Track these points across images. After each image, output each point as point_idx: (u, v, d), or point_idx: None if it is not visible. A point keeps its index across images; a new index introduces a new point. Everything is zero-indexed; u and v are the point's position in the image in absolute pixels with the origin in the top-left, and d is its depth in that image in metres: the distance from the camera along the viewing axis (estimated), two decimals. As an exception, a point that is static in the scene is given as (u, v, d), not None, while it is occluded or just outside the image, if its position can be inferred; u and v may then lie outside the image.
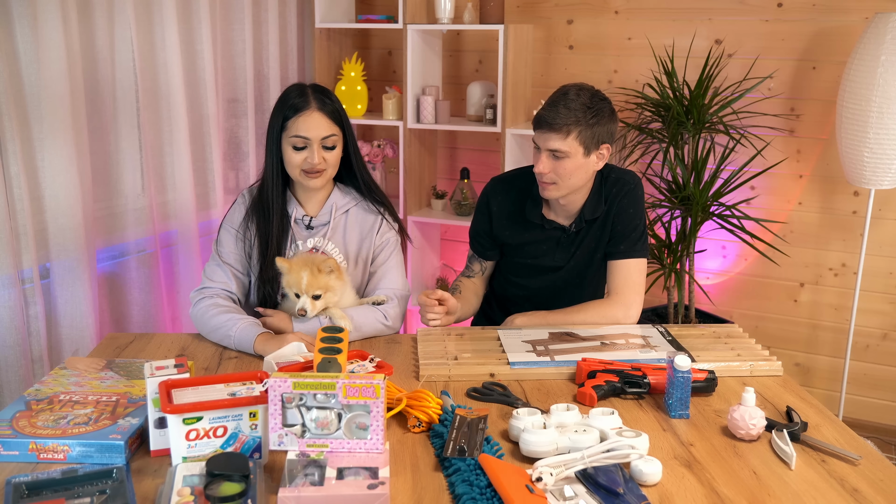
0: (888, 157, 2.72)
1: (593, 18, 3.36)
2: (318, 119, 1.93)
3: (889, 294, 3.14)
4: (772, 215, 3.23)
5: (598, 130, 1.95)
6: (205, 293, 1.95)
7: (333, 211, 2.04)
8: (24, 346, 2.24)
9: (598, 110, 1.94)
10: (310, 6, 3.44)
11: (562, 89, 1.97)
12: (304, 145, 1.93)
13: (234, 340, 1.85)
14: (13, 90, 2.18)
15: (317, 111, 1.93)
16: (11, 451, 1.35)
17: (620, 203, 2.08)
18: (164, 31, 2.66)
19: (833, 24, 3.02)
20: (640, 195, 2.12)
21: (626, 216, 2.08)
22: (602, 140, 1.97)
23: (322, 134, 1.93)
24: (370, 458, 1.30)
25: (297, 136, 1.92)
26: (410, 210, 3.48)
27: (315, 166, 1.94)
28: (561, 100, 1.93)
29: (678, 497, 1.28)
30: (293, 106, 1.94)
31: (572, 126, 1.91)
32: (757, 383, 1.73)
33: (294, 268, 1.89)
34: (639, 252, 2.09)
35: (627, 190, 2.08)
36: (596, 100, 1.95)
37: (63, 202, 2.33)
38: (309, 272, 1.88)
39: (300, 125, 1.92)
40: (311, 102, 1.94)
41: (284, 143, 1.95)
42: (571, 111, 1.91)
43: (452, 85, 3.65)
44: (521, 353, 1.82)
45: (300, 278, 1.88)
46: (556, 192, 2.01)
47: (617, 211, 2.08)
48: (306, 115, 1.93)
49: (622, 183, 2.09)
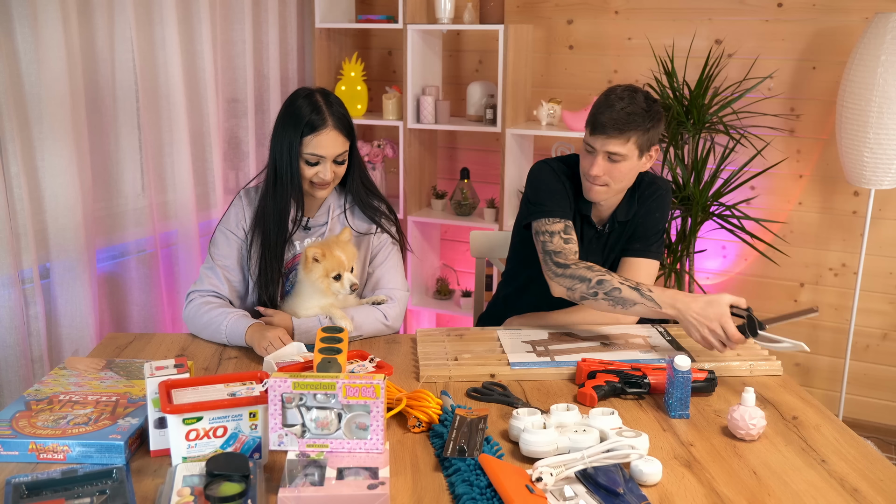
0: (888, 157, 2.72)
1: (593, 18, 3.36)
2: (335, 138, 1.93)
3: (889, 294, 3.14)
4: (772, 215, 3.23)
5: (653, 133, 1.93)
6: (194, 296, 1.96)
7: (331, 212, 2.04)
8: (24, 346, 2.24)
9: (654, 113, 1.92)
10: (310, 6, 3.44)
11: (617, 91, 1.92)
12: (318, 161, 1.93)
13: (225, 334, 1.87)
14: (13, 90, 2.18)
15: (333, 129, 1.92)
16: (11, 451, 1.35)
17: (649, 205, 2.07)
18: (164, 31, 2.66)
19: (833, 24, 3.02)
20: (668, 201, 2.11)
21: (651, 218, 2.07)
22: (653, 142, 1.96)
23: (337, 152, 1.94)
24: (370, 458, 1.30)
25: (313, 153, 1.92)
26: (410, 210, 3.48)
27: (325, 180, 1.95)
28: (618, 103, 1.89)
29: (678, 497, 1.28)
30: (310, 123, 1.90)
31: (632, 130, 1.89)
32: (757, 383, 1.73)
33: (327, 252, 1.89)
34: (653, 253, 2.08)
35: (659, 194, 2.08)
36: (650, 102, 1.93)
37: (63, 202, 2.33)
38: (341, 250, 1.90)
39: (318, 144, 1.91)
40: (327, 120, 1.91)
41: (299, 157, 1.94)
42: (633, 115, 1.88)
43: (452, 85, 3.65)
44: (521, 353, 1.82)
45: (339, 259, 1.90)
46: (606, 194, 1.98)
47: (645, 211, 2.07)
48: (324, 135, 1.91)
49: (654, 187, 2.08)
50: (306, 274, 1.92)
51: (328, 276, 1.90)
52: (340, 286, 1.91)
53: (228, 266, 2.00)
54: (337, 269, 1.90)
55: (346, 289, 1.91)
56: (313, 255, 1.90)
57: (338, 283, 1.91)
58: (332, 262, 1.89)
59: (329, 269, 1.89)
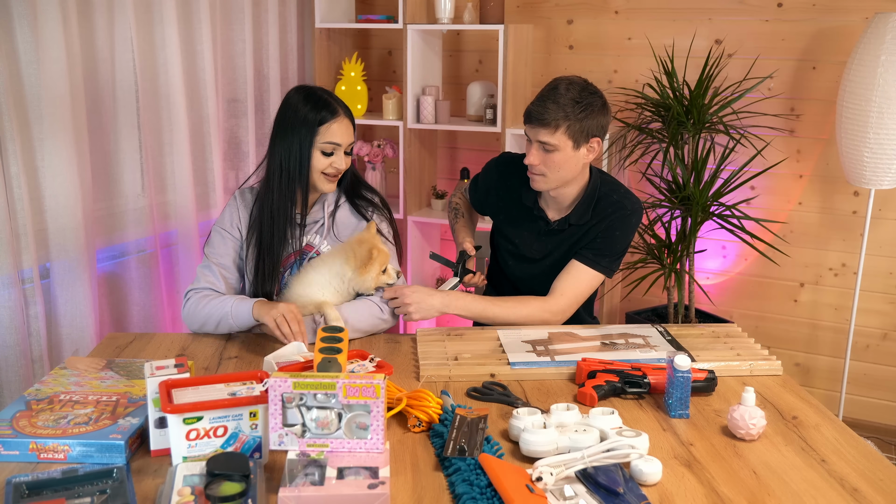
0: (888, 157, 2.72)
1: (593, 18, 3.36)
2: (347, 126, 1.99)
3: (889, 294, 3.14)
4: (772, 215, 3.23)
5: (588, 124, 1.95)
6: (191, 294, 1.97)
7: (326, 208, 2.05)
8: (24, 346, 2.24)
9: (587, 105, 1.94)
10: (310, 6, 3.45)
11: (552, 83, 1.98)
12: (333, 151, 1.96)
13: (231, 319, 1.89)
14: (13, 90, 2.19)
15: (345, 118, 1.99)
16: (12, 450, 1.35)
17: (611, 222, 2.07)
18: (164, 31, 2.66)
19: (833, 24, 3.02)
20: (634, 224, 2.10)
21: (611, 235, 2.07)
22: (592, 134, 1.97)
23: (349, 140, 2.00)
24: (370, 457, 1.30)
25: (329, 142, 1.95)
26: (410, 210, 3.48)
27: (340, 171, 1.99)
28: (550, 94, 1.94)
29: (678, 497, 1.28)
30: (324, 114, 1.95)
31: (561, 120, 1.92)
32: (757, 383, 1.73)
33: (374, 251, 1.93)
34: (602, 266, 2.06)
35: (622, 214, 2.07)
36: (585, 94, 1.95)
37: (63, 202, 2.33)
38: (381, 241, 1.99)
39: (334, 133, 1.96)
40: (338, 110, 1.98)
41: (314, 149, 1.96)
42: (560, 106, 1.92)
43: (452, 85, 3.65)
44: (521, 353, 1.82)
45: (387, 254, 1.98)
46: (545, 184, 2.03)
47: (605, 227, 2.07)
48: (338, 123, 1.96)
49: (619, 207, 2.07)
50: (362, 273, 1.94)
51: (381, 272, 1.97)
52: (387, 277, 1.98)
53: (224, 264, 2.01)
54: (386, 262, 1.97)
55: (393, 278, 1.99)
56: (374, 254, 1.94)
57: (384, 275, 1.97)
58: (384, 258, 1.96)
59: (383, 263, 1.96)
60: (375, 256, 1.93)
